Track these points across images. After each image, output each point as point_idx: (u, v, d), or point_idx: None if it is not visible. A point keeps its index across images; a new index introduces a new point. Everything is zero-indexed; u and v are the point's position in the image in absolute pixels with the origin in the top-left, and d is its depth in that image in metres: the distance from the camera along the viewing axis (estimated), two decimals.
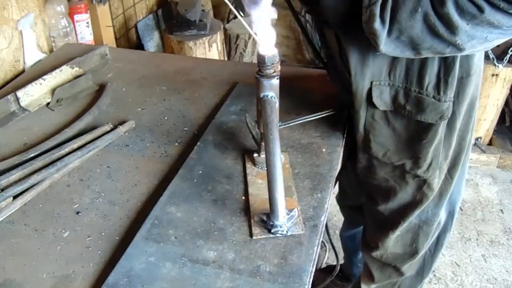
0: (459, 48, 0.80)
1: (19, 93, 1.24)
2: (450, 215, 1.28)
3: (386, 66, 0.97)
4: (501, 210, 2.40)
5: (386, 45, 0.82)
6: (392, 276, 1.41)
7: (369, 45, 0.85)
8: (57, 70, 1.35)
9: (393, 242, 1.29)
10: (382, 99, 1.00)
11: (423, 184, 1.13)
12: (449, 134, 1.04)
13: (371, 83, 0.98)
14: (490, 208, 2.41)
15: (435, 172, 1.09)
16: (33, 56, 1.55)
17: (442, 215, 1.25)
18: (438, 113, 0.98)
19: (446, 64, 0.93)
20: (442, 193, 1.18)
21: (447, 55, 0.86)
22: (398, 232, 1.25)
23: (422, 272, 1.40)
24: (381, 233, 1.29)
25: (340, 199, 1.72)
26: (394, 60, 0.95)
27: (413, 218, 1.21)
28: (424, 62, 0.94)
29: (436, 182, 1.13)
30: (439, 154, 1.07)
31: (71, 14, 1.74)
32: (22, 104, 1.25)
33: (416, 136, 1.04)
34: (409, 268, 1.37)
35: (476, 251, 2.17)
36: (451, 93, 0.96)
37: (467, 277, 2.05)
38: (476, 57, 0.96)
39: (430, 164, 1.07)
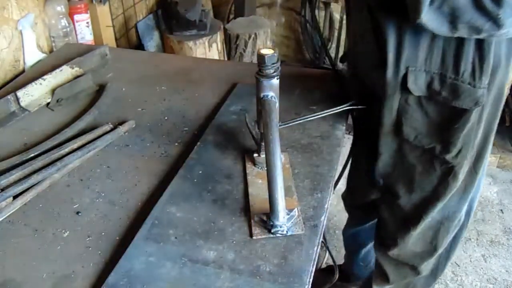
0: (498, 24, 0.80)
1: (19, 93, 1.24)
2: (467, 213, 1.26)
3: (422, 52, 0.96)
4: (501, 210, 2.40)
5: (427, 14, 0.82)
6: (408, 276, 1.37)
7: (406, 25, 0.85)
8: (57, 70, 1.34)
9: (414, 240, 1.26)
10: (417, 85, 1.00)
11: (448, 173, 1.11)
12: (476, 124, 1.04)
13: (407, 68, 0.98)
14: (490, 208, 2.41)
15: (463, 160, 1.08)
16: (33, 56, 1.55)
17: (463, 212, 1.23)
18: (473, 99, 0.97)
19: (481, 51, 0.93)
20: (467, 186, 1.16)
21: (482, 35, 0.86)
22: (419, 229, 1.22)
23: (436, 271, 1.37)
24: (401, 230, 1.26)
25: (347, 197, 1.69)
26: (430, 45, 0.95)
27: (435, 214, 1.19)
28: (459, 49, 0.94)
29: (461, 173, 1.11)
30: (470, 142, 1.06)
31: (71, 14, 1.74)
32: (22, 104, 1.25)
33: (448, 121, 1.03)
34: (426, 267, 1.34)
35: (476, 251, 2.17)
36: (486, 80, 0.96)
37: (467, 277, 2.05)
38: (505, 46, 0.96)
39: (460, 151, 1.06)
